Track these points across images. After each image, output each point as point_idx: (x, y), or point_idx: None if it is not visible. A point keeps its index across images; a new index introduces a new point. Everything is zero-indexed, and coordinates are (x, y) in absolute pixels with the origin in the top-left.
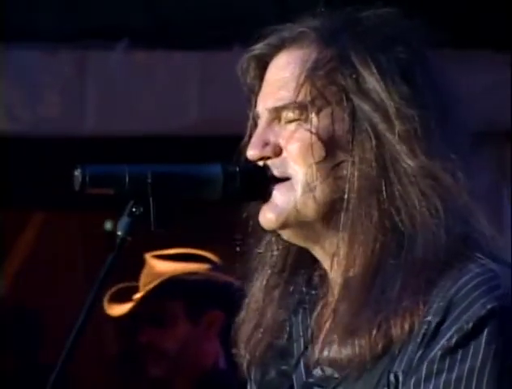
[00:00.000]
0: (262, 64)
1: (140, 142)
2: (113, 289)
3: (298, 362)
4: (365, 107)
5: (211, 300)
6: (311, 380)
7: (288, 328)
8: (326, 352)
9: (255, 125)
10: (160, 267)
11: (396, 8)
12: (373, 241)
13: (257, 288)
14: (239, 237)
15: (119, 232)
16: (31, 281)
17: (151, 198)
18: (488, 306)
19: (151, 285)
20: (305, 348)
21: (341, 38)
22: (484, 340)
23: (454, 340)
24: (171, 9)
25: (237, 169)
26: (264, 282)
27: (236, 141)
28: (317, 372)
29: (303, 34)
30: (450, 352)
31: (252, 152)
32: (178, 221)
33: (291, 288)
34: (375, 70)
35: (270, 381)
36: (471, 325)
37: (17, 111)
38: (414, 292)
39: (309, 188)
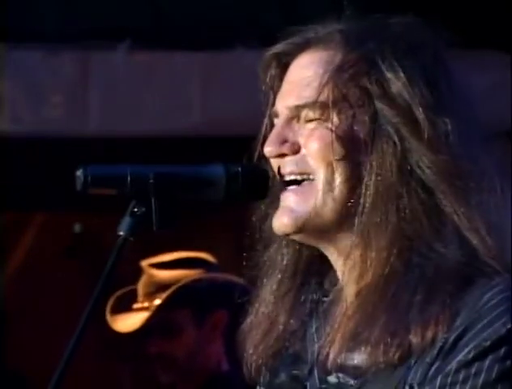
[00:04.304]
0: (283, 63)
1: (142, 142)
2: (112, 300)
3: (312, 369)
4: (390, 112)
5: (215, 301)
6: (325, 386)
7: (300, 336)
8: (340, 360)
9: (271, 123)
10: (159, 275)
11: (395, 9)
12: (389, 248)
13: (267, 293)
14: (247, 240)
15: (121, 232)
16: (32, 283)
17: (153, 199)
18: (509, 326)
19: (162, 297)
20: (319, 354)
21: (368, 42)
22: (500, 356)
23: (470, 356)
24: (173, 9)
25: (240, 169)
26: (274, 287)
27: (238, 141)
28: (333, 379)
29: (329, 36)
30: (465, 366)
31: (270, 149)
32: (180, 222)
33: (302, 298)
34: (402, 75)
35: (280, 384)
36: (489, 343)
37: (19, 112)
38: (439, 303)
39: (329, 186)
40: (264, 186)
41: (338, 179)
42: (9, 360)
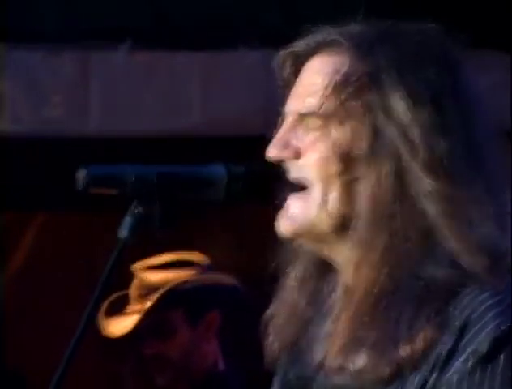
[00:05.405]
0: (299, 62)
1: (143, 142)
2: (105, 304)
3: (317, 368)
4: (389, 129)
5: (209, 302)
6: (326, 387)
7: (310, 329)
8: (341, 361)
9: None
10: (150, 277)
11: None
12: (379, 267)
13: (291, 281)
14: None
15: (122, 233)
16: (32, 283)
17: (154, 199)
18: (503, 327)
19: (152, 300)
20: (325, 354)
21: (376, 54)
22: (501, 363)
23: (470, 364)
24: (174, 9)
25: (240, 170)
26: (298, 275)
27: (238, 141)
28: (335, 380)
29: (338, 41)
30: (467, 375)
31: (272, 153)
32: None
33: (319, 286)
34: (404, 94)
35: (288, 382)
36: (486, 346)
37: (19, 112)
38: (428, 315)
39: (323, 201)
40: (265, 187)
41: (333, 194)
42: (9, 360)
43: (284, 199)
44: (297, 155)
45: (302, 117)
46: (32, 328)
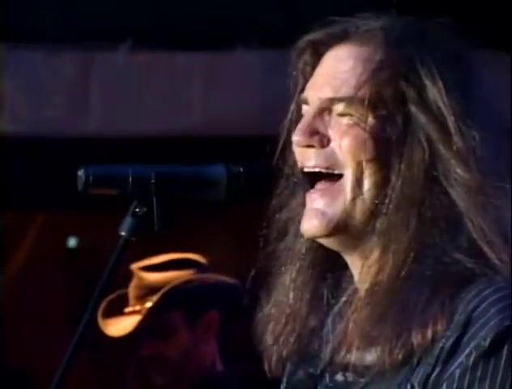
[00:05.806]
0: (318, 52)
1: (142, 142)
2: (104, 304)
3: (325, 367)
4: (423, 117)
5: (208, 302)
6: (332, 385)
7: (318, 334)
8: (348, 358)
9: (298, 109)
10: (149, 278)
11: (397, 8)
12: (407, 251)
13: (286, 282)
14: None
15: (123, 233)
16: (32, 283)
17: (154, 199)
18: (506, 323)
19: (153, 300)
20: (332, 353)
21: (409, 45)
22: (503, 358)
23: (472, 358)
24: (174, 10)
25: (241, 169)
26: (294, 275)
27: (238, 141)
28: (339, 377)
29: (370, 32)
30: (469, 370)
31: (299, 138)
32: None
33: (320, 293)
34: (440, 83)
35: (297, 381)
36: (488, 341)
37: (19, 112)
38: (440, 303)
39: (357, 186)
40: (265, 186)
41: (367, 179)
42: (9, 360)
43: (298, 189)
44: (325, 142)
45: (333, 102)
46: (31, 328)
